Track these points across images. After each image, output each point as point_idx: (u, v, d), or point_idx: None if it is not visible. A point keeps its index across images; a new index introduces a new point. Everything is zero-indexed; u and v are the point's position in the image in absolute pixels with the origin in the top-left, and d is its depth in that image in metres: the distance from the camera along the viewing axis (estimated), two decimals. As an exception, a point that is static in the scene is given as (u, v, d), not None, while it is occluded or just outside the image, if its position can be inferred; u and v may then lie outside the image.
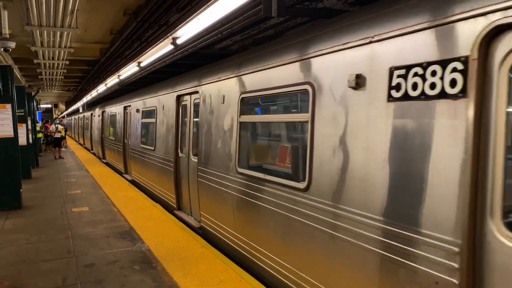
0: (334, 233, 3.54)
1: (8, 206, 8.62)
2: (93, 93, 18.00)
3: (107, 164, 17.13)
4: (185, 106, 7.83)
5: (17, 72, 13.54)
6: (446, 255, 2.50)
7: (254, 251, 4.99)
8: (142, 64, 8.26)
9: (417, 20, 2.79)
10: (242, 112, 5.43)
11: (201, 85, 6.79)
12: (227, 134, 5.75)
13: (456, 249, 2.44)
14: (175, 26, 5.55)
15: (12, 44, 6.94)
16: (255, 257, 4.96)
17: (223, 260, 5.39)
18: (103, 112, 18.79)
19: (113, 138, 15.53)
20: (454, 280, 2.45)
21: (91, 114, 23.45)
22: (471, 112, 2.38)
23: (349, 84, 3.37)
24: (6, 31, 6.72)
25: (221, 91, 5.98)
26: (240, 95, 5.41)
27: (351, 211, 3.35)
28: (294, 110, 6.50)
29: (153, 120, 9.85)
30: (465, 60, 2.41)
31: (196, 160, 6.96)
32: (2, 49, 6.94)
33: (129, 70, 9.49)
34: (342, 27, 3.65)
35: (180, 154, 7.98)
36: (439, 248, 2.54)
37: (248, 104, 5.57)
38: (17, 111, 9.56)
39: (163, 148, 8.89)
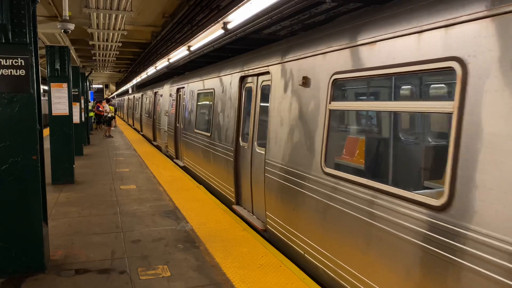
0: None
1: (62, 180, 9.12)
2: (143, 75, 18.46)
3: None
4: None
5: (73, 53, 14.12)
6: None
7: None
8: (192, 48, 8.36)
9: None
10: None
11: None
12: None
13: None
14: (227, 10, 5.56)
15: (72, 26, 7.23)
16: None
17: (263, 244, 5.45)
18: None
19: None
20: None
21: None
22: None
23: None
24: (66, 13, 7.00)
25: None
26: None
27: None
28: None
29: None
30: None
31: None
32: (62, 31, 7.25)
33: (179, 53, 9.64)
34: None
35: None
36: None
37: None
38: (72, 90, 10.01)
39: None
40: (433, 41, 3.02)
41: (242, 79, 7.08)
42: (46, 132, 10.18)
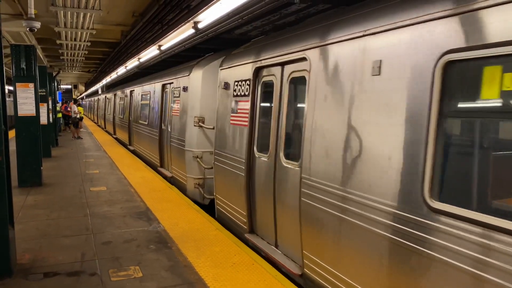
0: None
1: (29, 182, 8.87)
2: (113, 75, 18.14)
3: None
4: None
5: (39, 52, 13.76)
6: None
7: None
8: (162, 48, 8.32)
9: None
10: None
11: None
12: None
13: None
14: (197, 10, 5.57)
15: (38, 24, 7.06)
16: None
17: (236, 243, 5.48)
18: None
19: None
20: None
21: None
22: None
23: None
24: (32, 11, 6.84)
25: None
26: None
27: None
28: None
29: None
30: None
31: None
32: (27, 29, 7.07)
33: (149, 53, 9.56)
34: None
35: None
36: None
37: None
38: (39, 90, 9.75)
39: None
40: None
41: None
42: (12, 134, 9.90)
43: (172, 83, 9.86)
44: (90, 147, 16.77)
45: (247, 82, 5.74)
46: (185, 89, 8.66)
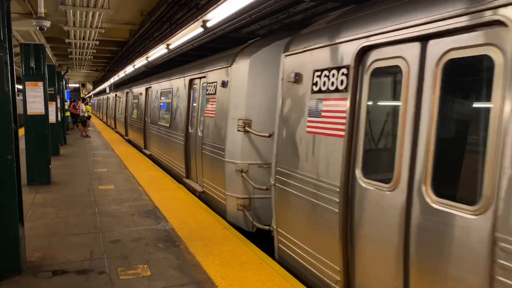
0: None
1: (38, 181, 8.92)
2: (121, 74, 18.21)
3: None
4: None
5: (48, 51, 13.85)
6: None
7: None
8: (170, 47, 8.32)
9: None
10: None
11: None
12: None
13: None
14: (205, 8, 5.57)
15: (47, 23, 7.11)
16: None
17: (244, 242, 5.47)
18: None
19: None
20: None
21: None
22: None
23: None
24: (42, 10, 6.88)
25: None
26: None
27: None
28: None
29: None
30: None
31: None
32: (37, 28, 7.11)
33: (158, 52, 9.57)
34: None
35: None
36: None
37: None
38: (48, 89, 9.81)
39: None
40: None
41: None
42: (21, 132, 9.97)
43: (204, 77, 8.05)
44: (98, 145, 16.86)
45: (343, 70, 3.86)
46: (224, 84, 6.82)
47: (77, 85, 47.34)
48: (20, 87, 9.44)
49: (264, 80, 6.34)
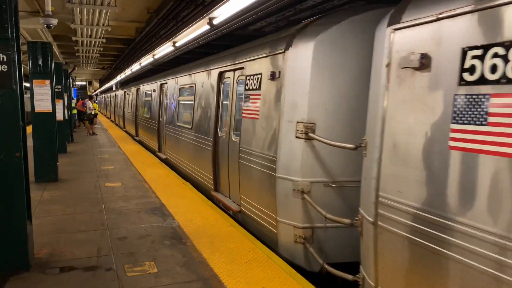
0: None
1: (46, 178, 8.99)
2: (127, 72, 18.26)
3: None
4: None
5: (55, 49, 13.92)
6: None
7: None
8: (177, 44, 8.32)
9: None
10: None
11: None
12: None
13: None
14: (212, 6, 5.56)
15: (54, 21, 7.14)
16: None
17: (250, 239, 5.47)
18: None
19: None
20: None
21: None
22: None
23: None
24: (49, 8, 6.91)
25: None
26: None
27: None
28: None
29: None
30: None
31: None
32: (44, 26, 7.15)
33: (164, 49, 9.58)
34: None
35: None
36: None
37: None
38: (55, 87, 9.87)
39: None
40: None
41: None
42: (29, 130, 10.04)
43: (241, 68, 6.55)
44: (104, 143, 16.93)
45: None
46: (273, 76, 5.27)
47: (84, 83, 47.52)
48: (28, 85, 9.50)
49: (335, 69, 4.78)
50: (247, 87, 6.17)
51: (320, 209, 4.61)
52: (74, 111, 22.55)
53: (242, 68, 6.48)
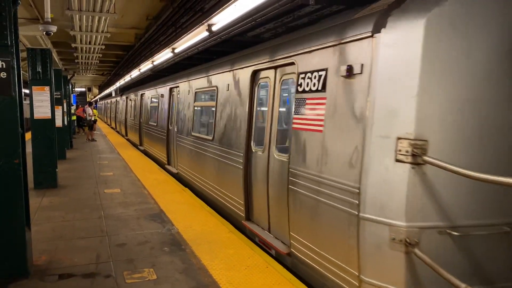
0: None
1: (45, 184, 8.97)
2: (127, 78, 18.29)
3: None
4: None
5: (55, 56, 13.96)
6: None
7: None
8: (176, 50, 8.35)
9: None
10: None
11: None
12: None
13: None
14: (210, 12, 5.59)
15: (54, 28, 7.17)
16: None
17: (250, 246, 5.46)
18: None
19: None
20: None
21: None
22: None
23: None
24: (48, 15, 6.94)
25: None
26: None
27: None
28: None
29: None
30: None
31: None
32: (44, 33, 7.17)
33: (163, 56, 9.61)
34: None
35: None
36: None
37: None
38: (54, 93, 9.88)
39: None
40: None
41: None
42: (28, 136, 10.03)
43: (289, 64, 5.08)
44: (104, 149, 16.92)
45: None
46: (350, 71, 3.82)
47: (83, 89, 47.60)
48: (27, 91, 9.50)
49: (457, 61, 3.34)
50: (300, 89, 4.65)
51: (450, 277, 2.96)
52: (74, 117, 22.57)
53: (290, 64, 5.02)
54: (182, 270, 4.67)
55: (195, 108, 9.23)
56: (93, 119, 21.21)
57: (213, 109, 7.70)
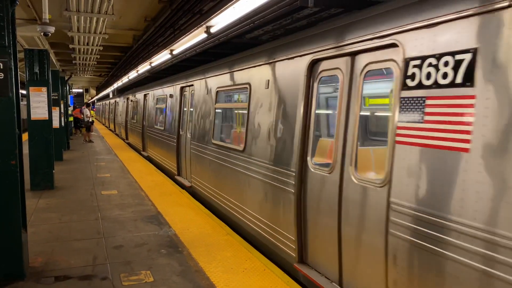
0: None
1: (41, 186, 8.93)
2: (124, 79, 18.26)
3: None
4: None
5: (52, 57, 13.93)
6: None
7: None
8: (174, 52, 8.34)
9: None
10: None
11: None
12: None
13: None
14: (209, 14, 5.59)
15: (52, 29, 7.15)
16: None
17: (247, 248, 5.44)
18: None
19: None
20: None
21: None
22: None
23: None
24: (46, 16, 6.92)
25: None
26: None
27: None
28: None
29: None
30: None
31: None
32: (41, 34, 7.15)
33: (161, 57, 9.60)
34: None
35: None
36: None
37: None
38: (51, 94, 9.84)
39: None
40: None
41: None
42: (25, 137, 10.01)
43: (392, 45, 3.37)
44: (101, 150, 16.88)
45: None
46: None
47: (80, 90, 47.52)
48: (24, 92, 9.47)
49: None
50: (411, 83, 3.14)
51: None
52: (71, 119, 22.50)
53: (385, 46, 3.47)
54: (179, 273, 4.65)
55: (217, 110, 7.75)
56: (90, 120, 21.15)
57: (245, 112, 6.23)
